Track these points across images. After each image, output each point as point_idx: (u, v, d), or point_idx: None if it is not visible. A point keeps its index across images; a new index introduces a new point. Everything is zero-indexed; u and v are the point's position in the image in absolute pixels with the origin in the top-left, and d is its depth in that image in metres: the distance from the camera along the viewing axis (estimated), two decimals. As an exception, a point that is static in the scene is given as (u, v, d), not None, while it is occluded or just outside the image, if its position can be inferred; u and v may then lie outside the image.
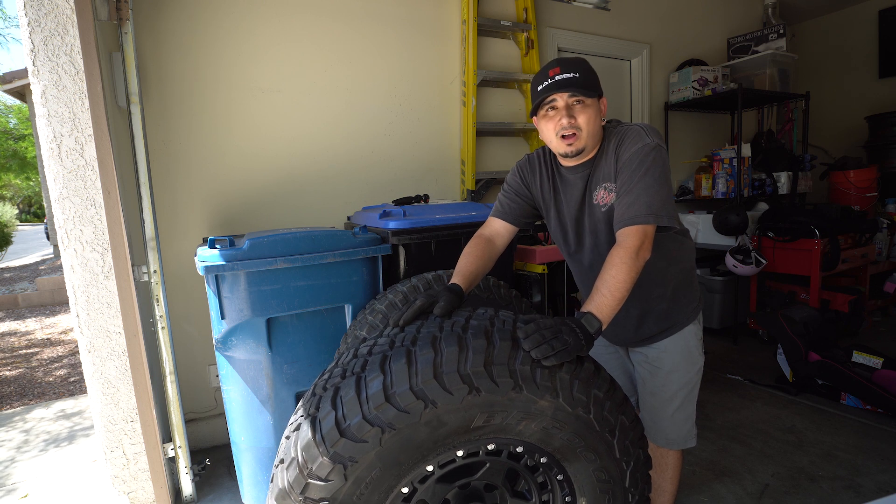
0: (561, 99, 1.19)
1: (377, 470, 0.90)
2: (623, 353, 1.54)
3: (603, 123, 1.27)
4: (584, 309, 1.05)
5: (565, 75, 1.17)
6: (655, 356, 1.41)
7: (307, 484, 0.89)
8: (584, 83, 1.18)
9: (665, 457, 1.48)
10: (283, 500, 0.91)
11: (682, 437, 1.43)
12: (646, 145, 1.17)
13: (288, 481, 0.90)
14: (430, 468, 0.98)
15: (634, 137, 1.19)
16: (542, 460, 1.05)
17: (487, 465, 1.05)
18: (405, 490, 0.98)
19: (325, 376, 1.01)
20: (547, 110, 1.22)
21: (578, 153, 1.23)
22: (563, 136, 1.21)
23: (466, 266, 1.29)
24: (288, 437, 0.96)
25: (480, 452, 1.02)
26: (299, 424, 0.94)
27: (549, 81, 1.18)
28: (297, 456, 0.90)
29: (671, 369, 1.39)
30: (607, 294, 1.05)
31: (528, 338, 0.94)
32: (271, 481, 0.97)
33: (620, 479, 1.07)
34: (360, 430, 0.88)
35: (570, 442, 1.01)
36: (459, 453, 0.99)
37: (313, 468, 0.88)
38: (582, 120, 1.19)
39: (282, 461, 0.94)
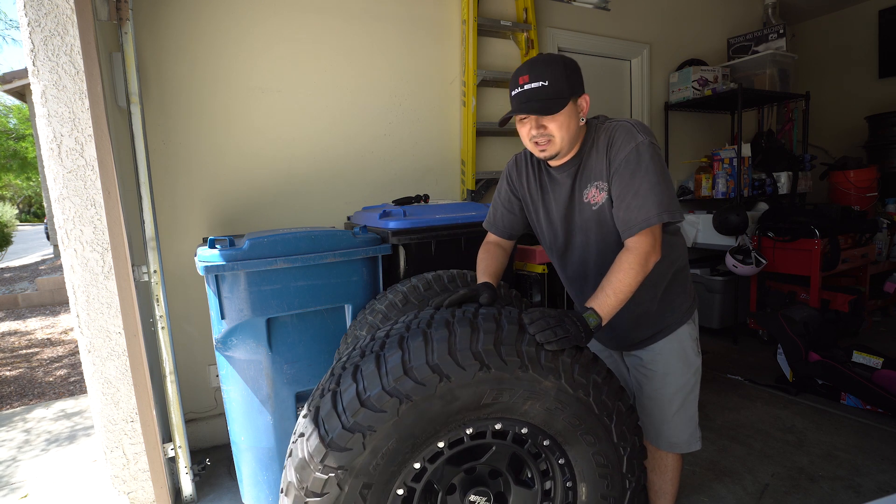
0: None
1: (393, 441, 0.95)
2: (618, 356, 1.53)
3: (582, 123, 1.24)
4: (588, 304, 1.09)
5: (533, 85, 1.14)
6: (650, 359, 1.40)
7: (327, 453, 0.93)
8: (553, 93, 1.14)
9: (665, 459, 1.47)
10: (302, 469, 0.96)
11: (685, 441, 1.42)
12: (640, 143, 1.15)
13: (308, 451, 0.95)
14: (440, 445, 1.03)
15: (626, 136, 1.17)
16: (545, 443, 1.10)
17: (493, 448, 1.09)
18: (417, 465, 1.02)
19: (344, 359, 1.07)
20: (520, 116, 1.22)
21: (552, 158, 1.23)
22: (536, 143, 1.21)
23: (486, 267, 1.38)
24: (306, 416, 1.01)
25: (488, 433, 1.07)
26: (318, 405, 0.99)
27: (518, 90, 1.16)
28: (319, 427, 0.95)
29: (666, 371, 1.38)
30: (611, 294, 1.09)
31: (533, 323, 1.01)
32: (288, 456, 1.01)
33: (618, 464, 1.12)
34: (379, 400, 0.93)
35: (570, 424, 1.06)
36: (469, 431, 1.04)
37: (333, 437, 0.93)
38: (553, 127, 1.17)
39: (301, 435, 0.99)
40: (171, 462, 1.92)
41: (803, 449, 2.14)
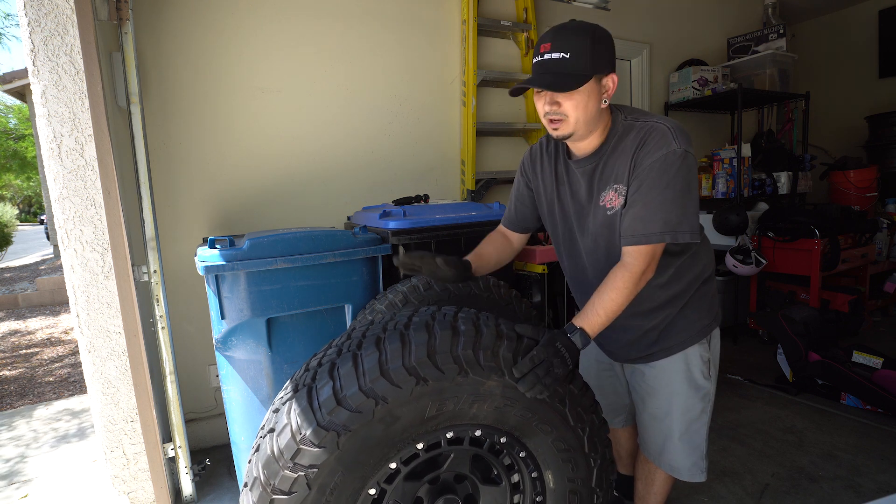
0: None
1: (339, 474, 0.92)
2: (619, 369, 1.46)
3: (605, 105, 1.12)
4: (578, 323, 1.06)
5: (553, 55, 1.05)
6: (653, 376, 1.31)
7: (272, 500, 0.91)
8: (574, 68, 1.04)
9: (654, 472, 1.42)
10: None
11: (687, 468, 1.32)
12: (671, 152, 1.04)
13: (253, 500, 0.93)
14: (393, 466, 1.00)
15: (659, 140, 1.06)
16: (503, 440, 1.08)
17: (452, 455, 1.07)
18: (372, 491, 0.99)
19: (281, 395, 1.03)
20: (537, 89, 1.11)
21: (565, 138, 1.14)
22: (550, 120, 1.12)
23: (479, 249, 1.36)
24: (250, 462, 0.99)
25: (442, 443, 1.05)
26: (259, 445, 0.97)
27: (538, 59, 1.08)
28: (259, 475, 0.93)
29: (670, 392, 1.29)
30: (602, 314, 1.07)
31: (523, 378, 0.98)
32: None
33: (579, 445, 1.11)
34: (316, 436, 0.90)
35: (524, 417, 1.04)
36: (420, 446, 1.02)
37: (276, 483, 0.91)
38: (567, 106, 1.07)
39: (245, 484, 0.97)
40: (171, 462, 1.92)
41: (803, 449, 2.14)
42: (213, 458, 2.18)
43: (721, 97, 3.54)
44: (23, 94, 9.25)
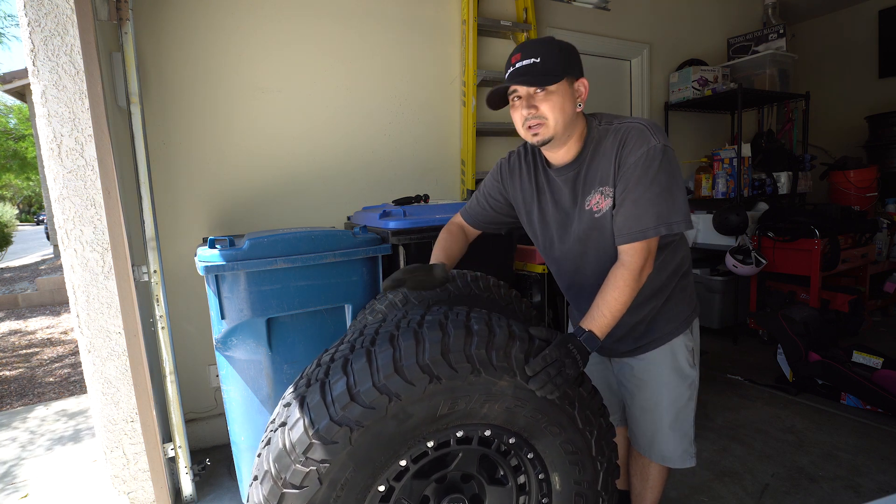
0: (521, 88, 1.12)
1: (351, 470, 0.93)
2: (608, 363, 1.47)
3: (579, 109, 1.16)
4: (587, 326, 1.09)
5: (525, 62, 1.09)
6: (641, 368, 1.34)
7: (283, 494, 0.91)
8: (546, 69, 1.08)
9: (647, 467, 1.45)
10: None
11: (679, 456, 1.37)
12: (651, 148, 1.09)
13: (263, 494, 0.92)
14: (403, 463, 1.01)
15: (639, 139, 1.11)
16: (511, 441, 1.09)
17: (460, 454, 1.07)
18: (381, 488, 1.00)
19: (292, 389, 1.03)
20: (513, 99, 1.15)
21: (546, 143, 1.15)
22: (528, 127, 1.14)
23: (446, 248, 1.39)
24: (259, 455, 0.99)
25: (451, 442, 1.05)
26: (269, 439, 0.97)
27: (511, 69, 1.11)
28: (271, 468, 0.93)
29: (659, 382, 1.33)
30: (608, 314, 1.09)
31: (535, 377, 1.00)
32: (247, 501, 0.98)
33: (587, 448, 1.11)
34: (329, 432, 0.90)
35: (533, 418, 1.05)
36: (430, 444, 1.02)
37: (287, 477, 0.90)
38: (545, 108, 1.11)
39: (255, 478, 0.97)
40: (171, 462, 1.92)
41: (803, 449, 2.14)
42: (213, 458, 2.18)
43: (721, 97, 3.54)
44: (23, 94, 9.26)
